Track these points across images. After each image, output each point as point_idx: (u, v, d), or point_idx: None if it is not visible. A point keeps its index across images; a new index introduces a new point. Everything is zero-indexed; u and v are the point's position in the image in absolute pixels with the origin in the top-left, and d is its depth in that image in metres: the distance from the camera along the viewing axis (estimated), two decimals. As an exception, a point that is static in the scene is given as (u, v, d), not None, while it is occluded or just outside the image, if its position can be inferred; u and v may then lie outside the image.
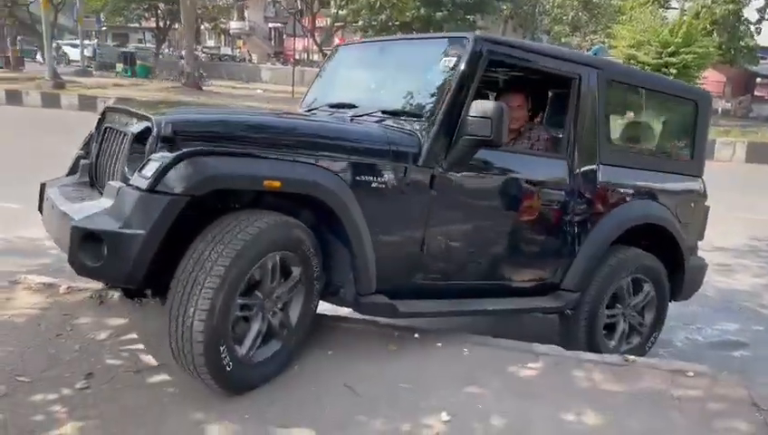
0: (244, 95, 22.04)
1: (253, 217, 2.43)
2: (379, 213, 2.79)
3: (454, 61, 2.96)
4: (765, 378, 3.54)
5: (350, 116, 3.16)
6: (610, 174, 3.45)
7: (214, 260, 2.27)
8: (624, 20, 22.97)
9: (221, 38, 49.27)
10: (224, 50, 45.48)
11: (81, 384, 2.49)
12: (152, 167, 2.27)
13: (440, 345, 3.08)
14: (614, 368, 3.03)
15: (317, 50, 29.81)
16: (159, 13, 35.66)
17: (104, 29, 45.01)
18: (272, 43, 48.42)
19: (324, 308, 2.97)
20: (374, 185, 2.76)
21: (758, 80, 32.11)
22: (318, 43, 29.39)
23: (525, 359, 3.03)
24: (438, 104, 2.92)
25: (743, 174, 13.05)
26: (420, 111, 3.02)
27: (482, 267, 3.21)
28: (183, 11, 23.21)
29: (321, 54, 27.00)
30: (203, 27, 41.21)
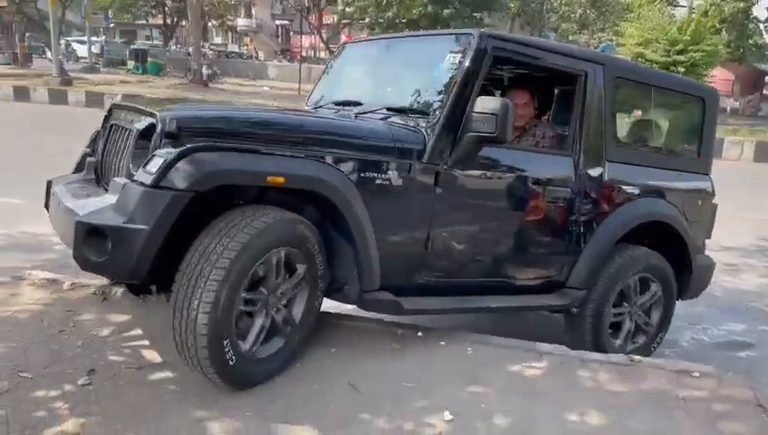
0: (251, 92, 22.07)
1: (259, 212, 2.44)
2: (383, 210, 2.78)
3: (459, 57, 2.94)
4: (772, 379, 3.51)
5: (354, 113, 3.15)
6: (617, 171, 3.43)
7: (219, 253, 2.28)
8: (632, 18, 22.89)
9: (228, 35, 49.33)
10: (231, 47, 45.51)
11: (84, 381, 2.49)
12: (156, 163, 2.28)
13: (444, 344, 3.07)
14: (619, 368, 3.01)
15: (324, 47, 29.80)
16: (167, 10, 35.83)
17: (112, 26, 45.16)
18: (279, 40, 48.44)
19: (328, 306, 2.96)
20: (378, 182, 2.75)
21: (767, 78, 31.91)
22: (324, 40, 29.39)
23: (529, 358, 3.01)
24: (443, 101, 2.91)
25: (751, 173, 12.98)
26: (425, 108, 3.01)
27: (486, 264, 3.19)
28: (190, 8, 23.23)
29: (328, 51, 27.01)
30: (210, 24, 41.35)
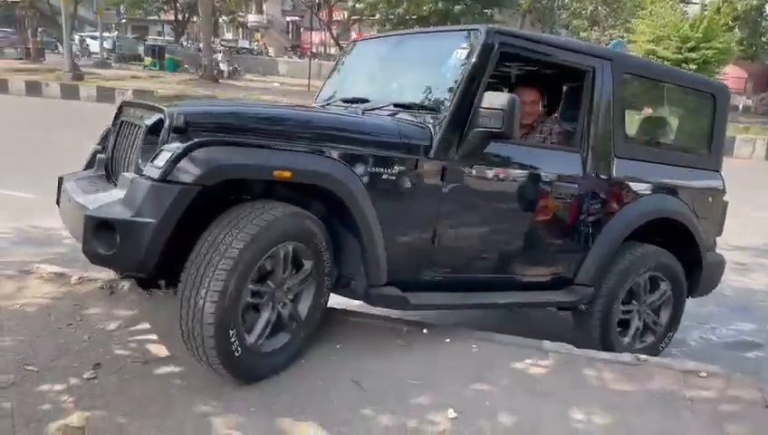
0: (261, 88, 22.09)
1: (268, 205, 2.48)
2: (389, 205, 2.78)
3: (466, 53, 2.93)
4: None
5: (362, 109, 3.15)
6: (626, 168, 3.40)
7: (228, 243, 2.31)
8: (644, 15, 22.65)
9: (239, 31, 49.42)
10: (241, 43, 45.56)
11: (89, 374, 2.51)
12: (164, 157, 2.30)
13: (449, 341, 3.07)
14: (625, 367, 2.99)
15: (334, 43, 29.79)
16: (178, 6, 35.90)
17: (124, 21, 45.35)
18: (289, 36, 48.49)
19: (333, 302, 2.97)
20: (385, 177, 2.76)
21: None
22: (334, 36, 29.37)
23: (535, 356, 3.00)
24: (450, 97, 2.90)
25: (762, 172, 12.88)
26: (432, 104, 3.00)
27: (493, 260, 3.18)
28: (201, 4, 23.28)
29: (338, 48, 26.99)
30: (221, 20, 41.45)
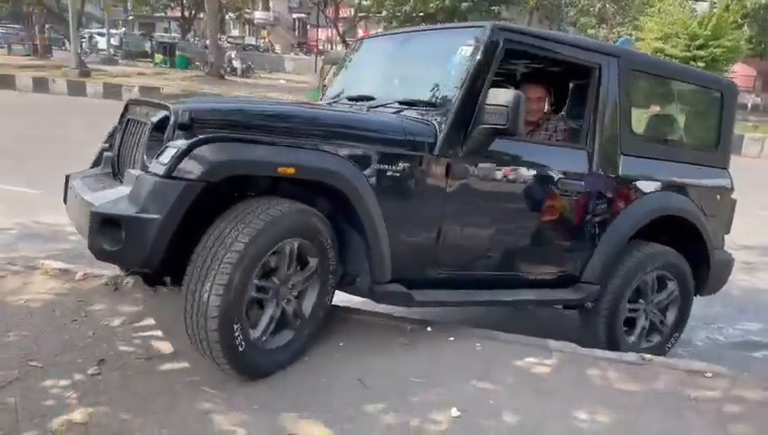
0: (267, 85, 22.14)
1: (274, 201, 2.49)
2: (394, 202, 2.78)
3: (471, 50, 2.92)
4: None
5: (367, 107, 3.15)
6: (632, 165, 3.38)
7: (234, 237, 2.32)
8: (652, 12, 22.53)
9: (246, 28, 49.47)
10: (248, 40, 45.62)
11: (93, 370, 2.51)
12: (169, 153, 2.32)
13: (452, 339, 3.06)
14: (630, 366, 2.97)
15: (340, 40, 29.76)
16: (185, 2, 35.95)
17: (131, 18, 45.50)
18: (295, 33, 48.50)
19: (337, 299, 2.96)
20: (389, 174, 2.75)
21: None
22: (341, 33, 29.35)
23: (539, 355, 2.99)
24: (455, 94, 2.89)
25: (771, 171, 12.77)
26: (437, 101, 2.99)
27: (498, 258, 3.16)
28: (207, 0, 23.30)
29: (344, 45, 26.96)
30: (228, 17, 41.52)
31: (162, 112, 2.57)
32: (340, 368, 2.70)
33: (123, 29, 40.09)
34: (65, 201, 3.05)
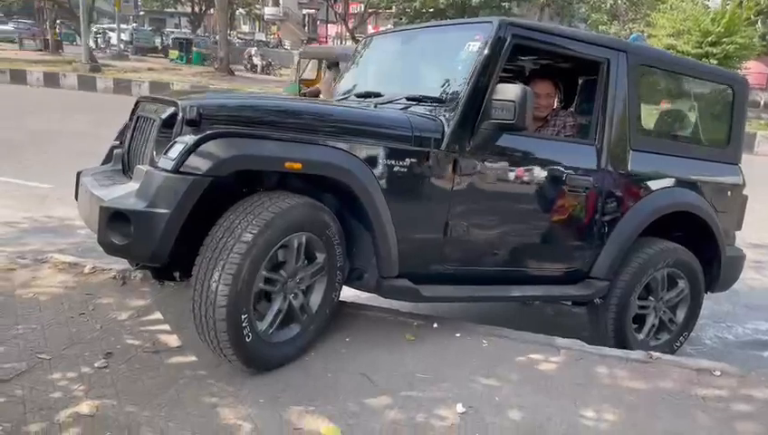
0: (277, 81, 22.13)
1: (284, 195, 2.52)
2: (401, 197, 2.78)
3: (478, 45, 2.91)
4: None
5: (374, 103, 3.15)
6: (642, 161, 3.36)
7: (244, 228, 2.34)
8: (664, 8, 22.32)
9: (256, 24, 49.49)
10: (258, 36, 45.66)
11: (100, 363, 2.53)
12: (177, 149, 2.34)
13: (459, 336, 3.05)
14: (638, 365, 2.95)
15: (349, 36, 29.73)
16: (195, -3, 36.03)
17: (142, 14, 45.64)
18: (305, 29, 48.43)
19: (344, 295, 2.96)
20: (396, 169, 2.75)
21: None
22: (350, 29, 29.31)
23: (546, 352, 2.98)
24: (462, 90, 2.88)
25: (784, 169, 12.65)
26: (444, 97, 2.98)
27: (506, 253, 3.15)
28: (217, -4, 23.34)
29: (353, 41, 26.92)
30: (238, 12, 41.55)
31: (171, 109, 2.59)
32: (347, 363, 2.70)
33: (134, 24, 40.20)
34: (77, 197, 3.08)
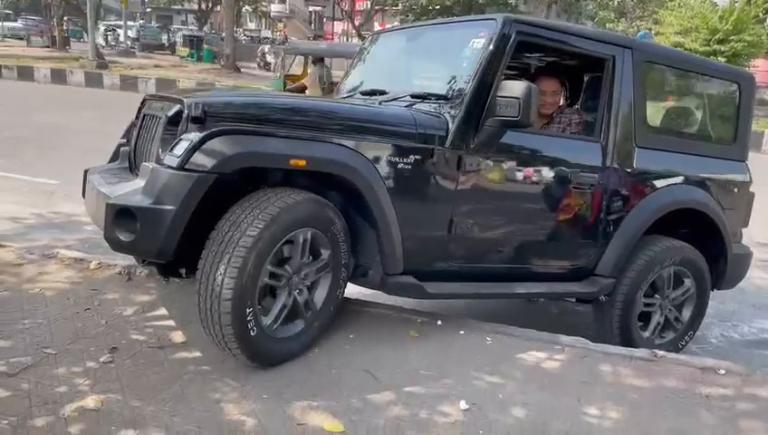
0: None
1: (289, 191, 2.53)
2: (405, 194, 2.78)
3: (482, 42, 2.91)
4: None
5: (379, 101, 3.15)
6: (648, 157, 3.35)
7: (249, 222, 2.35)
8: (672, 6, 22.19)
9: (262, 21, 49.51)
10: (264, 33, 45.69)
11: (105, 358, 2.54)
12: (182, 146, 2.35)
13: (463, 333, 3.05)
14: (642, 363, 2.95)
15: (356, 33, 29.71)
16: (202, -6, 36.07)
17: (149, 11, 45.72)
18: (311, 26, 48.42)
19: (348, 292, 2.96)
20: (400, 166, 2.76)
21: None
22: (356, 26, 29.27)
23: (550, 350, 2.98)
24: (467, 87, 2.88)
25: (791, 168, 12.55)
26: (448, 94, 2.98)
27: (511, 250, 3.15)
28: (224, -7, 23.35)
29: (360, 38, 26.90)
30: (244, 10, 41.54)
31: (176, 106, 2.61)
32: (350, 359, 2.71)
33: (141, 21, 40.29)
34: (84, 195, 3.10)
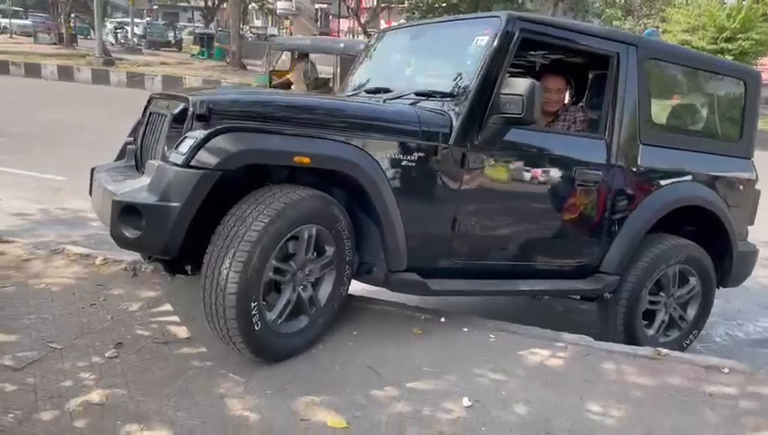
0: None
1: (294, 187, 2.54)
2: (409, 191, 2.79)
3: (486, 40, 2.91)
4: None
5: (383, 99, 3.15)
6: (652, 155, 3.34)
7: (255, 217, 2.37)
8: (679, 4, 22.10)
9: (268, 18, 49.54)
10: (270, 30, 45.72)
11: (111, 353, 2.56)
12: (187, 144, 2.37)
13: (466, 330, 3.05)
14: (645, 361, 2.94)
15: (362, 31, 29.69)
16: (208, -8, 36.12)
17: (155, 8, 45.84)
18: (317, 23, 48.42)
19: (352, 289, 2.97)
20: (404, 163, 2.76)
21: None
22: (362, 23, 29.25)
23: (553, 348, 2.97)
24: (470, 84, 2.88)
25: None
26: (452, 92, 2.98)
27: (515, 248, 3.15)
28: (230, -10, 23.37)
29: (365, 35, 26.88)
30: (250, 7, 41.59)
31: (182, 104, 2.63)
32: (354, 356, 2.72)
33: (148, 18, 40.37)
34: (91, 193, 3.12)
